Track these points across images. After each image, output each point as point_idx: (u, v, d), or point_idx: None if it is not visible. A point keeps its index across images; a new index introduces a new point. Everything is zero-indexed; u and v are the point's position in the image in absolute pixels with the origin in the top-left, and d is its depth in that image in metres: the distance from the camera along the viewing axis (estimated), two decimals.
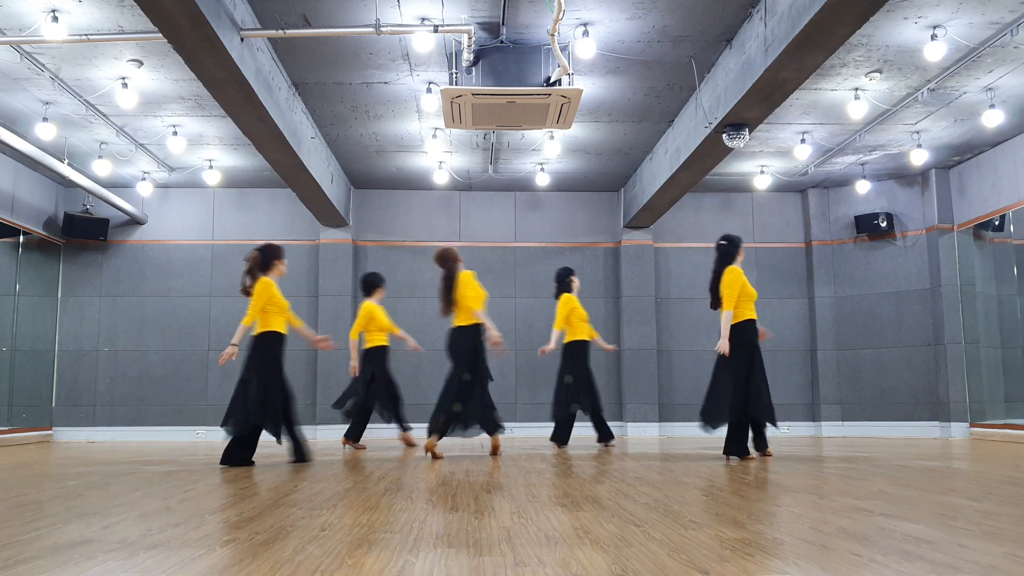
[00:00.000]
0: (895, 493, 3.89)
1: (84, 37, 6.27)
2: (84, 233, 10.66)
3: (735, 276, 6.16)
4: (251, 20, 6.26)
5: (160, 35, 5.67)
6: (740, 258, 6.40)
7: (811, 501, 3.60)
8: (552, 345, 7.93)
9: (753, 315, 6.21)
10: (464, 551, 2.44)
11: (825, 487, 4.21)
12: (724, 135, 7.32)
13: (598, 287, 11.30)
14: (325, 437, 10.39)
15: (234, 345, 5.94)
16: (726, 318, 6.07)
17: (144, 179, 10.40)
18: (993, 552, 2.38)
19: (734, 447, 6.02)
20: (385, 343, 8.05)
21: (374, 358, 7.97)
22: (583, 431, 10.75)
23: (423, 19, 6.35)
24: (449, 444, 8.59)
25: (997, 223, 10.07)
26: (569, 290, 8.11)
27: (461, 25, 6.23)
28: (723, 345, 6.04)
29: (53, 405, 10.62)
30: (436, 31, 6.19)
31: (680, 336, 11.29)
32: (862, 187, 10.60)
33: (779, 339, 11.29)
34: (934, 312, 10.48)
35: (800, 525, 2.88)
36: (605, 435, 7.99)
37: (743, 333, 6.09)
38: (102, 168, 9.50)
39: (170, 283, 10.98)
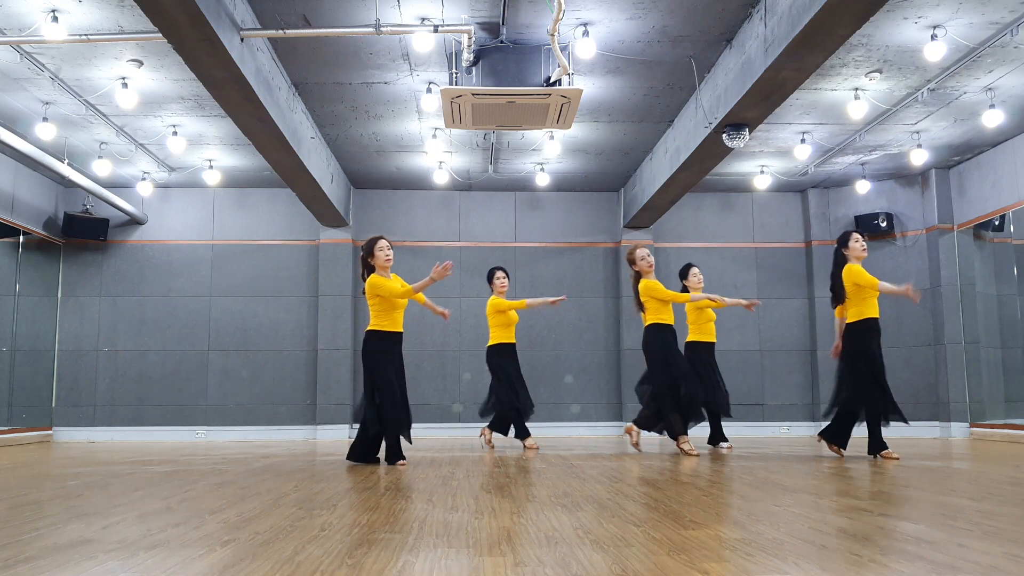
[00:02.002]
0: (895, 493, 3.89)
1: (84, 37, 6.27)
2: (84, 233, 10.65)
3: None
4: (251, 20, 6.26)
5: (160, 35, 5.67)
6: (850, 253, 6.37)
7: (811, 501, 3.60)
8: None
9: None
10: (464, 551, 2.44)
11: (825, 487, 4.21)
12: (724, 135, 7.32)
13: (598, 287, 11.31)
14: (325, 437, 10.40)
15: None
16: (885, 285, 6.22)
17: (144, 179, 10.40)
18: (993, 552, 2.38)
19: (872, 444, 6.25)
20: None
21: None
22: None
23: (423, 19, 6.36)
24: (450, 444, 8.59)
25: (997, 223, 10.07)
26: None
27: (461, 25, 6.24)
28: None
29: (53, 405, 10.61)
30: (436, 31, 6.19)
31: (680, 336, 11.26)
32: (862, 187, 10.60)
33: (779, 339, 11.29)
34: (934, 312, 10.48)
35: (800, 525, 2.88)
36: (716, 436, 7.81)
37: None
38: (102, 168, 9.50)
39: (170, 283, 10.98)
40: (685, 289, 7.82)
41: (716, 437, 7.75)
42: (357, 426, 6.65)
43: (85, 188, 9.65)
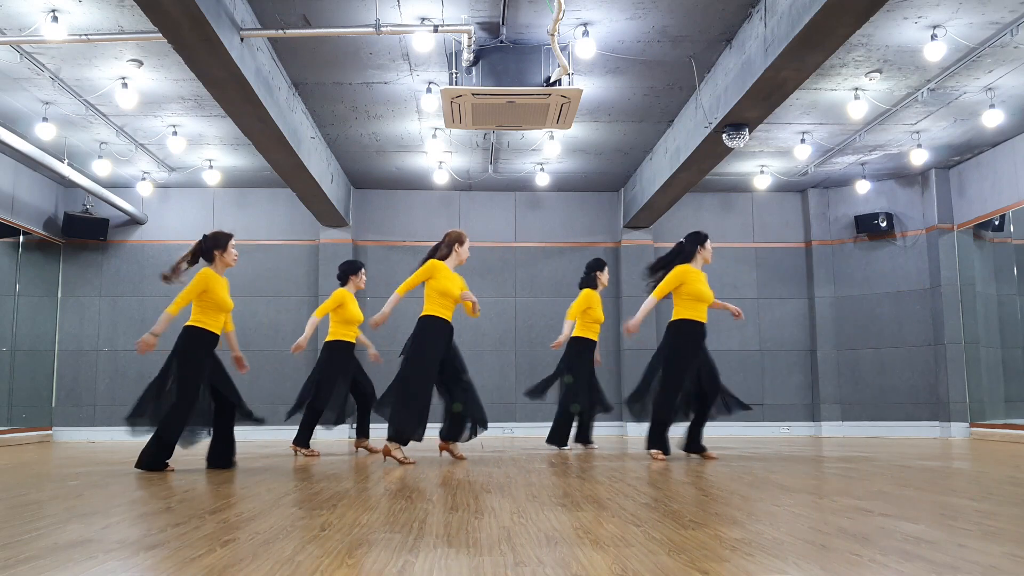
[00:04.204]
0: (895, 493, 3.89)
1: (84, 37, 6.27)
2: (84, 233, 10.65)
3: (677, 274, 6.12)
4: (251, 20, 6.26)
5: (160, 35, 5.67)
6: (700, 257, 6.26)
7: (811, 501, 3.60)
8: (563, 338, 7.53)
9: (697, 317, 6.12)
10: (464, 551, 2.43)
11: (825, 487, 4.21)
12: (724, 135, 7.32)
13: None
14: (325, 437, 10.39)
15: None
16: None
17: (144, 179, 10.40)
18: (993, 552, 2.38)
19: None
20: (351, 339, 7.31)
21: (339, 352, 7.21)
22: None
23: (423, 19, 6.35)
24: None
25: (997, 223, 10.07)
26: (593, 285, 7.70)
27: (461, 25, 6.24)
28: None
29: (53, 405, 10.61)
30: (436, 31, 6.19)
31: None
32: (862, 187, 10.60)
33: (779, 339, 11.29)
34: (934, 312, 10.49)
35: (800, 525, 2.88)
36: (585, 438, 7.70)
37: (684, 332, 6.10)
38: (102, 168, 9.50)
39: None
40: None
41: (564, 438, 7.52)
42: (355, 426, 6.57)
43: (85, 188, 9.65)
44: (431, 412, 5.86)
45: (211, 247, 5.64)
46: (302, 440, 7.08)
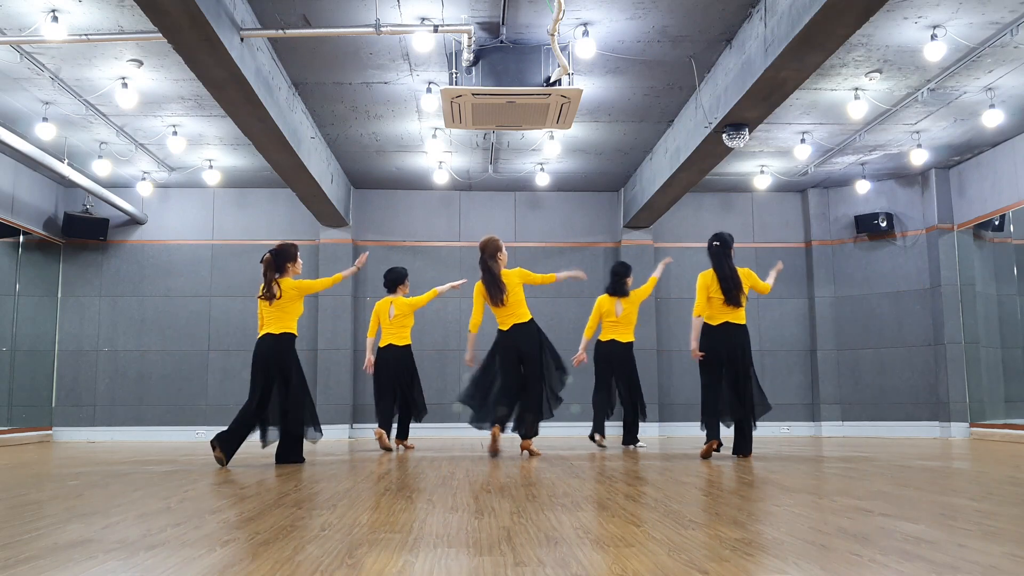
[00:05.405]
0: (895, 493, 3.89)
1: (84, 37, 6.27)
2: (84, 233, 10.66)
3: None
4: (251, 20, 6.26)
5: (160, 35, 5.67)
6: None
7: (811, 501, 3.60)
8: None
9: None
10: (464, 551, 2.44)
11: (825, 487, 4.21)
12: (724, 135, 7.32)
13: (598, 287, 11.26)
14: (325, 437, 10.37)
15: None
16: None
17: (144, 179, 10.40)
18: (993, 552, 2.38)
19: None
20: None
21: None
22: (576, 432, 10.73)
23: (423, 19, 6.36)
24: (450, 444, 8.60)
25: (997, 223, 10.07)
26: (624, 291, 8.14)
27: (461, 25, 6.24)
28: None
29: (53, 405, 10.61)
30: (436, 31, 6.19)
31: (680, 336, 11.27)
32: (862, 187, 10.60)
33: (779, 339, 11.29)
34: (934, 312, 10.48)
35: (800, 525, 2.88)
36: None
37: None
38: (102, 168, 9.50)
39: (170, 283, 10.98)
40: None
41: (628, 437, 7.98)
42: (355, 426, 6.61)
43: (85, 188, 9.65)
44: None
45: (284, 260, 6.07)
46: (404, 433, 7.97)
